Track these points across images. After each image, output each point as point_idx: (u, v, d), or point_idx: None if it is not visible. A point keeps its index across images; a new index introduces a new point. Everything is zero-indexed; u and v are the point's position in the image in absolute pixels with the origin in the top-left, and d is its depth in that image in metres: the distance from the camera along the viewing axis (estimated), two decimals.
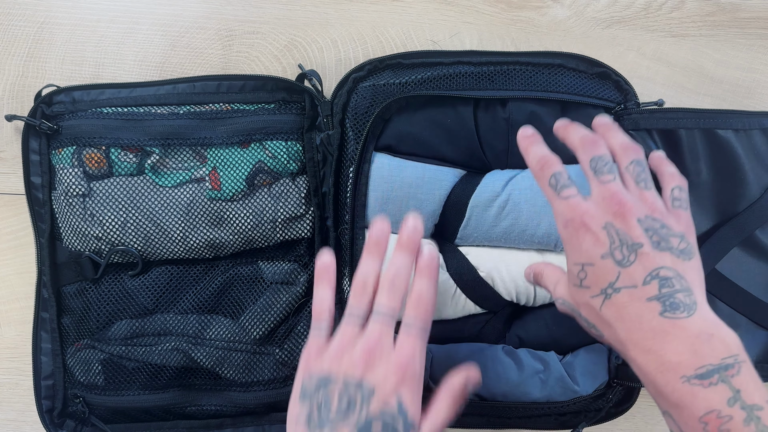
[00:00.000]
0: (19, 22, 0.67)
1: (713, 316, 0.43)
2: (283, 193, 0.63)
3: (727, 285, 0.64)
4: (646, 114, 0.62)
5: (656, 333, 0.42)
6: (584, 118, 0.62)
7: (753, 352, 0.65)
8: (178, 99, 0.63)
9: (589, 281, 0.45)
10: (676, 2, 0.69)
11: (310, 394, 0.47)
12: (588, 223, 0.45)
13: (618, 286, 0.44)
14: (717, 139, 0.62)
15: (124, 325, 0.64)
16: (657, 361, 0.42)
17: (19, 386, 0.70)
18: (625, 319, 0.43)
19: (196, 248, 0.63)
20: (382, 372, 0.46)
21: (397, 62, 0.63)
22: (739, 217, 0.64)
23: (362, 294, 0.50)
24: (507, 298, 0.64)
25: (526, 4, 0.69)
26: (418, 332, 0.48)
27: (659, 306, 0.42)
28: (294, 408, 0.48)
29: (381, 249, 0.52)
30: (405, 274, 0.50)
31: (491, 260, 0.63)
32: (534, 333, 0.65)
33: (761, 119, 0.63)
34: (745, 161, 0.63)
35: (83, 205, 0.61)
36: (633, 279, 0.43)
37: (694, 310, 0.42)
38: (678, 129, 0.62)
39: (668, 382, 0.41)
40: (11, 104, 0.67)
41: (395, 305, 0.49)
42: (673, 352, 0.41)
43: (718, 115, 0.62)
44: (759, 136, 0.63)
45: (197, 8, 0.68)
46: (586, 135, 0.49)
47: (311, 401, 0.47)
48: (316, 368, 0.48)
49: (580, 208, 0.46)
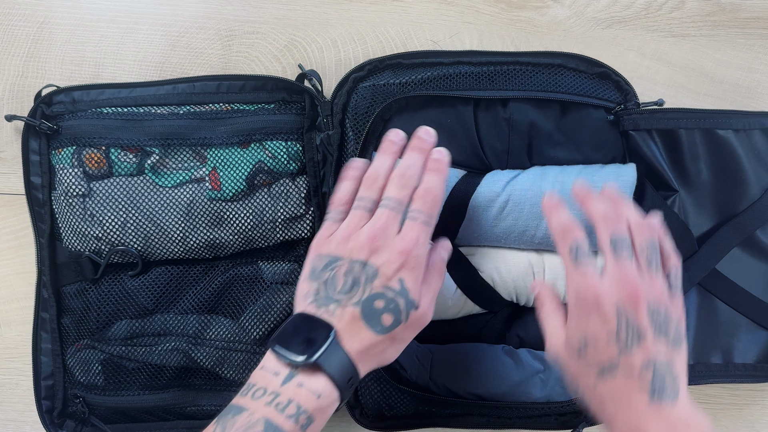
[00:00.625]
0: (18, 22, 0.67)
1: (690, 407, 0.46)
2: (283, 193, 0.63)
3: (727, 285, 0.64)
4: (646, 114, 0.62)
5: (642, 416, 0.45)
6: (584, 118, 0.62)
7: (753, 352, 0.65)
8: (178, 99, 0.63)
9: (588, 355, 0.47)
10: (677, 2, 0.69)
11: (318, 274, 0.50)
12: (601, 302, 0.47)
13: (616, 369, 0.46)
14: (717, 139, 0.62)
15: (124, 325, 0.64)
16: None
17: (19, 386, 0.70)
18: (615, 399, 0.46)
19: (196, 248, 0.63)
20: (385, 255, 0.48)
21: (397, 62, 0.63)
22: (740, 217, 0.64)
23: (372, 186, 0.53)
24: (507, 298, 0.64)
25: (526, 4, 0.69)
26: (423, 221, 0.50)
27: (649, 393, 0.45)
28: (303, 286, 0.50)
29: (395, 149, 0.54)
30: (415, 171, 0.52)
31: (491, 260, 0.63)
32: (534, 333, 0.65)
33: (761, 119, 0.63)
34: (745, 161, 0.63)
35: (83, 205, 0.61)
36: (631, 366, 0.46)
37: (677, 399, 0.45)
38: (678, 129, 0.62)
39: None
40: (11, 104, 0.67)
41: (403, 198, 0.51)
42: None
43: (718, 115, 0.62)
44: (759, 136, 0.63)
45: (197, 8, 0.68)
46: (608, 212, 0.51)
47: (319, 280, 0.49)
48: (325, 250, 0.51)
49: (595, 286, 0.48)
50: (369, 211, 0.51)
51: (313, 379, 0.45)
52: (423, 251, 0.50)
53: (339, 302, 0.48)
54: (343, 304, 0.47)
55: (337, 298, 0.48)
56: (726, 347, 0.64)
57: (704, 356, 0.63)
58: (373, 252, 0.49)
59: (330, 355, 0.45)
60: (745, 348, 0.64)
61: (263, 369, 0.46)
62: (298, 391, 0.44)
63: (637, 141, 0.61)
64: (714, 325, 0.63)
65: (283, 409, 0.43)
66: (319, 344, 0.45)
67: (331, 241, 0.51)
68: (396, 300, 0.48)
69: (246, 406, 0.44)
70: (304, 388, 0.44)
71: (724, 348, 0.64)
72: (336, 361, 0.45)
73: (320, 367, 0.45)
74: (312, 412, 0.44)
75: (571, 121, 0.63)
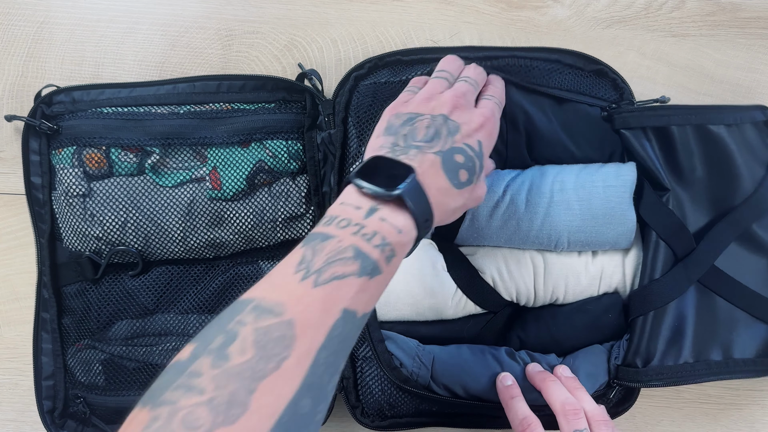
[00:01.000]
0: (18, 22, 0.67)
1: None
2: (284, 192, 0.63)
3: (725, 280, 0.64)
4: (636, 113, 0.61)
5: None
6: (579, 113, 0.63)
7: (753, 347, 0.64)
8: (178, 99, 0.63)
9: None
10: (677, 2, 0.69)
11: (396, 129, 0.50)
12: None
13: None
14: (709, 135, 0.62)
15: (124, 325, 0.64)
16: None
17: (19, 386, 0.70)
18: None
19: (197, 248, 0.63)
20: (467, 115, 0.50)
21: (396, 59, 0.63)
22: (735, 212, 0.64)
23: (452, 63, 0.56)
24: (507, 298, 0.64)
25: (526, 4, 0.69)
26: (496, 103, 0.54)
27: None
28: (376, 141, 0.50)
29: None
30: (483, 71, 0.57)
31: (492, 261, 0.63)
32: (534, 333, 0.65)
33: (752, 112, 0.63)
34: (738, 156, 0.63)
35: (83, 205, 0.61)
36: None
37: None
38: (669, 126, 0.61)
39: None
40: (11, 104, 0.67)
41: (480, 80, 0.55)
42: None
43: (709, 110, 0.62)
44: (751, 130, 0.63)
45: (197, 8, 0.68)
46: (567, 401, 0.56)
47: (397, 134, 0.49)
48: (404, 110, 0.51)
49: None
50: (447, 80, 0.54)
51: (395, 214, 0.44)
52: (495, 129, 0.51)
53: (420, 149, 0.47)
54: (424, 150, 0.47)
55: (418, 145, 0.48)
56: (726, 343, 0.63)
57: (704, 354, 0.63)
58: (455, 109, 0.50)
59: (412, 191, 0.44)
60: (745, 343, 0.64)
61: (343, 204, 0.45)
62: (382, 225, 0.43)
63: (630, 140, 0.61)
64: (713, 321, 0.63)
65: (370, 239, 0.42)
66: (401, 179, 0.44)
67: (410, 104, 0.52)
68: (474, 159, 0.48)
69: (333, 234, 0.42)
70: (386, 222, 0.43)
71: (723, 344, 0.63)
72: (417, 198, 0.45)
73: (403, 202, 0.44)
74: (395, 245, 0.43)
75: (567, 113, 0.63)
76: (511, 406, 0.58)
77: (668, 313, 0.62)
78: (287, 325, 0.37)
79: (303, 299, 0.39)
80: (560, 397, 0.57)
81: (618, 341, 0.64)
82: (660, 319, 0.61)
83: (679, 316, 0.62)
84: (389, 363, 0.62)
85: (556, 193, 0.61)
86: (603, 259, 0.64)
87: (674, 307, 0.62)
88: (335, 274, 0.40)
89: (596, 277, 0.63)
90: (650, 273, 0.62)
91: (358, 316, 0.41)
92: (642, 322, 0.61)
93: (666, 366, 0.62)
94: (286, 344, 0.37)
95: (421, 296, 0.62)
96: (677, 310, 0.62)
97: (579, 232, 0.61)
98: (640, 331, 0.62)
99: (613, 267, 0.63)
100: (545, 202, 0.61)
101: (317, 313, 0.38)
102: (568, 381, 0.60)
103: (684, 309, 0.63)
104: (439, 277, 0.62)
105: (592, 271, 0.63)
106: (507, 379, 0.61)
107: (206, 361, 0.35)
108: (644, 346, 0.61)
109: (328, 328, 0.38)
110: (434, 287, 0.62)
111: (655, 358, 0.62)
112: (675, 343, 0.62)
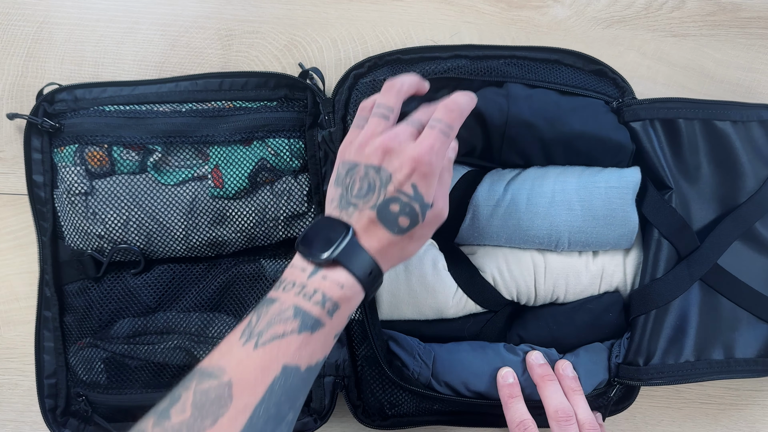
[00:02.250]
0: (18, 22, 0.67)
1: None
2: (286, 190, 0.63)
3: (728, 279, 0.64)
4: (646, 104, 0.62)
5: None
6: (581, 103, 0.62)
7: (754, 347, 0.65)
8: (180, 97, 0.63)
9: None
10: (677, 2, 0.69)
11: (342, 179, 0.52)
12: None
13: None
14: (715, 131, 0.62)
15: (126, 323, 0.64)
16: None
17: (19, 386, 0.69)
18: None
19: (199, 246, 0.63)
20: (398, 161, 0.49)
21: (396, 58, 0.63)
22: (739, 210, 0.64)
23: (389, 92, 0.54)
24: (508, 297, 0.64)
25: (527, 4, 0.69)
26: (441, 130, 0.51)
27: None
28: (330, 191, 0.53)
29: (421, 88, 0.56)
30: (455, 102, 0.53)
31: (492, 260, 0.64)
32: (534, 332, 0.65)
33: (760, 111, 0.63)
34: (742, 153, 0.63)
35: (85, 203, 0.61)
36: None
37: None
38: (677, 119, 0.62)
39: None
40: (11, 104, 0.67)
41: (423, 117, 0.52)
42: None
43: (717, 105, 0.63)
44: (757, 128, 0.63)
45: (197, 8, 0.68)
46: (560, 407, 0.58)
47: (343, 184, 0.51)
48: (347, 157, 0.52)
49: None
50: (386, 118, 0.53)
51: (336, 273, 0.48)
52: (437, 159, 0.50)
53: (356, 206, 0.50)
54: (360, 208, 0.49)
55: (354, 202, 0.50)
56: (727, 342, 0.64)
57: (706, 353, 0.63)
58: (386, 157, 0.50)
59: (348, 251, 0.48)
60: (747, 343, 0.64)
61: (293, 267, 0.49)
62: (323, 283, 0.47)
63: (639, 133, 0.61)
64: (716, 321, 0.63)
65: (310, 297, 0.46)
66: (337, 242, 0.48)
67: (351, 147, 0.53)
68: (411, 204, 0.49)
69: (277, 298, 0.47)
70: (327, 280, 0.47)
71: (725, 343, 0.63)
72: (355, 257, 0.48)
73: (340, 263, 0.48)
74: (337, 299, 0.47)
75: (569, 101, 0.63)
76: (510, 407, 0.60)
77: (671, 311, 0.62)
78: (225, 386, 0.43)
79: (243, 362, 0.44)
80: (554, 402, 0.59)
81: (619, 340, 0.64)
82: (662, 317, 0.62)
83: (681, 315, 0.62)
84: (390, 362, 0.62)
85: (558, 193, 0.61)
86: (604, 258, 0.64)
87: (677, 306, 0.62)
88: (275, 334, 0.45)
89: (597, 276, 0.63)
90: (652, 271, 0.62)
91: (302, 369, 0.45)
92: (644, 321, 0.62)
93: (667, 364, 0.62)
94: (223, 403, 0.42)
95: (421, 295, 0.62)
96: (680, 308, 0.62)
97: (580, 232, 0.61)
98: (642, 329, 0.62)
99: (614, 266, 0.63)
100: (546, 202, 0.61)
101: (256, 372, 0.43)
102: (568, 381, 0.60)
103: (687, 308, 0.63)
104: (439, 277, 0.62)
105: (592, 270, 0.63)
106: (509, 377, 0.61)
107: (150, 421, 0.43)
108: (645, 344, 0.62)
109: (267, 385, 0.43)
110: (435, 286, 0.62)
111: (656, 357, 0.62)
112: (676, 342, 0.62)
